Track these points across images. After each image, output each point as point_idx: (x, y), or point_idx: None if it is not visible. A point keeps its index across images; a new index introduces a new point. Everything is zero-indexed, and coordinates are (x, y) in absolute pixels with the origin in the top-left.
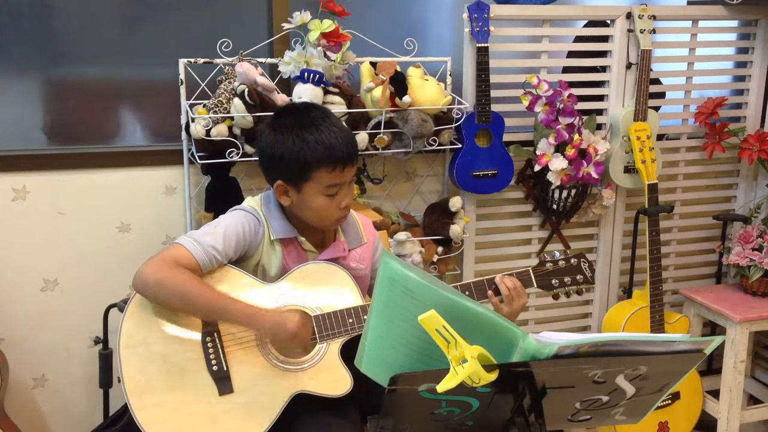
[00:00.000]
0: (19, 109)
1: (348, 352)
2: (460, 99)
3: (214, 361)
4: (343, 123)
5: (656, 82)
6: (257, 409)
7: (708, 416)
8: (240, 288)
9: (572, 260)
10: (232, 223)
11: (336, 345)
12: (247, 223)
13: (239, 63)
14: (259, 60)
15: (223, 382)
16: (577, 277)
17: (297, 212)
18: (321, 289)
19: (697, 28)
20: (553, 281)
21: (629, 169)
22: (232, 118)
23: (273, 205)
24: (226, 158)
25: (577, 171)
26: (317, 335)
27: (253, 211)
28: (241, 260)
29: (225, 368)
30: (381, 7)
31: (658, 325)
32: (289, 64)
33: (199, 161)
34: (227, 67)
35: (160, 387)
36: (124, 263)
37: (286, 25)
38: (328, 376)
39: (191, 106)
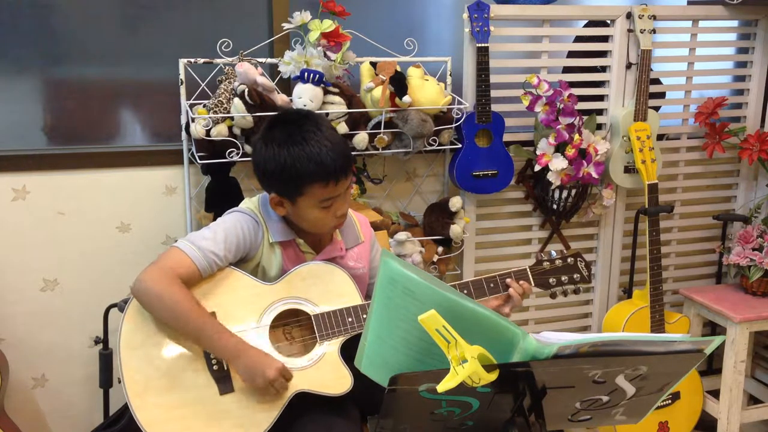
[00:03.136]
0: (19, 109)
1: (348, 351)
2: (460, 99)
3: (214, 361)
4: (343, 124)
5: (656, 82)
6: (258, 408)
7: (708, 416)
8: (240, 289)
9: (569, 259)
10: (231, 227)
11: (336, 344)
12: (246, 225)
13: (239, 63)
14: (259, 60)
15: (223, 381)
16: (574, 276)
17: (293, 220)
18: (320, 288)
19: (697, 28)
20: (551, 280)
21: (629, 169)
22: (232, 118)
23: (270, 207)
24: (226, 158)
25: (577, 171)
26: (317, 335)
27: (252, 214)
28: (241, 262)
29: (225, 368)
30: (381, 7)
31: (658, 325)
32: (289, 64)
33: (199, 161)
34: (227, 67)
35: (161, 387)
36: (124, 263)
37: (286, 25)
38: (328, 375)
39: (191, 106)
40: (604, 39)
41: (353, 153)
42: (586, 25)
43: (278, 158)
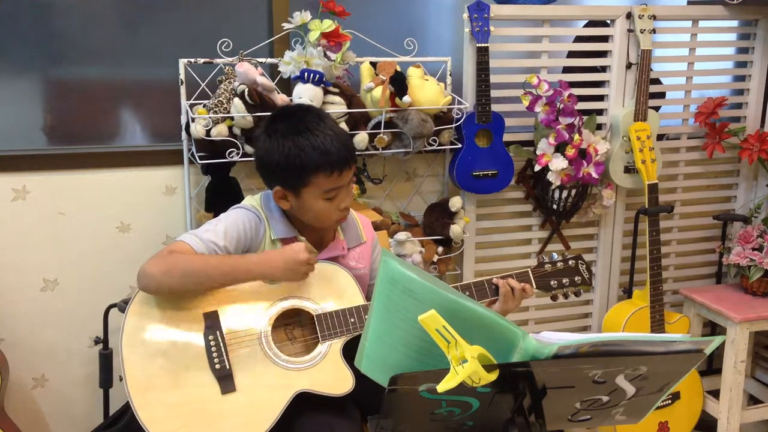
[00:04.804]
0: (19, 109)
1: (350, 352)
2: (460, 99)
3: (216, 360)
4: (343, 123)
5: (656, 82)
6: (259, 407)
7: (708, 416)
8: (243, 287)
9: (570, 262)
10: (232, 221)
11: (338, 344)
12: (248, 221)
13: (239, 63)
14: (259, 60)
15: (225, 380)
16: (575, 278)
17: (297, 215)
18: (323, 288)
19: (697, 28)
20: (552, 282)
21: (629, 169)
22: (232, 118)
23: (273, 204)
24: (226, 158)
25: (577, 171)
26: (319, 335)
27: (254, 210)
28: None
29: (227, 367)
30: (381, 7)
31: (658, 325)
32: (289, 64)
33: (199, 161)
34: (227, 67)
35: (163, 385)
36: (124, 263)
37: (286, 25)
38: (330, 376)
39: (191, 106)
40: (604, 39)
41: None
42: (586, 25)
43: (283, 149)
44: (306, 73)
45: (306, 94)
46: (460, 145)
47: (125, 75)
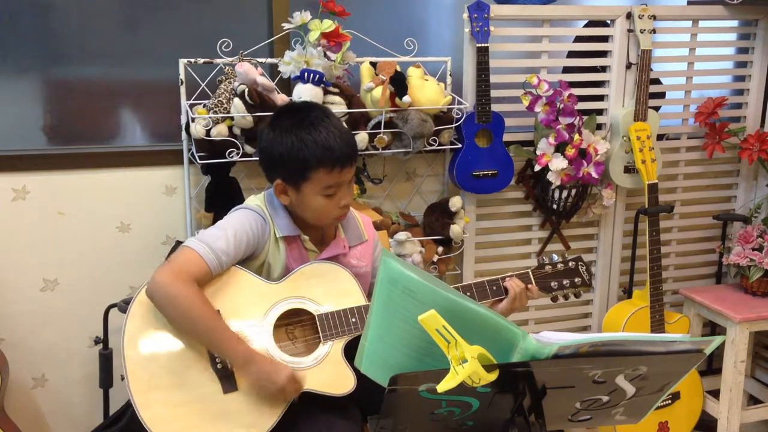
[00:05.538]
0: (19, 109)
1: (351, 351)
2: (460, 99)
3: (218, 359)
4: (343, 123)
5: (656, 82)
6: (261, 407)
7: (708, 416)
8: (245, 288)
9: (570, 263)
10: (240, 224)
11: (339, 344)
12: (255, 222)
13: (239, 63)
14: (259, 60)
15: (227, 380)
16: (575, 280)
17: (297, 210)
18: (324, 288)
19: (697, 28)
20: (552, 283)
21: (629, 169)
22: (232, 118)
23: (277, 202)
24: (226, 158)
25: (577, 171)
26: (321, 334)
27: (259, 210)
28: (248, 259)
29: (229, 366)
30: (381, 7)
31: (658, 325)
32: (289, 64)
33: (199, 161)
34: (227, 67)
35: (165, 385)
36: (124, 263)
37: (286, 25)
38: (331, 375)
39: (191, 106)
40: (604, 39)
41: None
42: (586, 25)
43: (286, 142)
44: (306, 73)
45: (306, 94)
46: (460, 145)
47: (125, 75)
